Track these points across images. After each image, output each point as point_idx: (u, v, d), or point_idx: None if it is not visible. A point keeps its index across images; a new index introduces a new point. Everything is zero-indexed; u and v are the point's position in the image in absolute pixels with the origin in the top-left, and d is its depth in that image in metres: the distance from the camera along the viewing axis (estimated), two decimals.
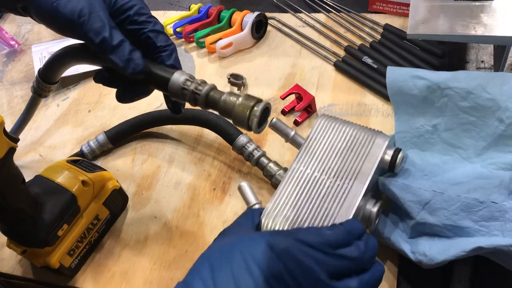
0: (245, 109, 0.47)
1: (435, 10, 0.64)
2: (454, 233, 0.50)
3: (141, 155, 0.71)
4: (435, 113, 0.58)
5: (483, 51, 0.72)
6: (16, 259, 0.63)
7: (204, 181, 0.67)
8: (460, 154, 0.57)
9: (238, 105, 0.46)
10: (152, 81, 0.49)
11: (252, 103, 0.47)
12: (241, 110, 0.46)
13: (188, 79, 0.47)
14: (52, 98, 0.81)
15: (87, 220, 0.59)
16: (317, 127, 0.56)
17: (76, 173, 0.59)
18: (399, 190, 0.53)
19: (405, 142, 0.60)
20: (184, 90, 0.46)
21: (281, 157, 0.67)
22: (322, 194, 0.51)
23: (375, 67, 0.72)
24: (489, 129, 0.54)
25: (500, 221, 0.48)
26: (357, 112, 0.70)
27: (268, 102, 0.48)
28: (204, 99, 0.46)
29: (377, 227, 0.54)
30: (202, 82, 0.47)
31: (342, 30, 0.81)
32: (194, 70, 0.81)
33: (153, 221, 0.64)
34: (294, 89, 0.69)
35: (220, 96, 0.46)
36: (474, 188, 0.50)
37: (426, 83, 0.58)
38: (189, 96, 0.47)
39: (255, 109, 0.46)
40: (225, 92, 0.47)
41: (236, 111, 0.46)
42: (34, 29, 0.94)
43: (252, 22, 0.80)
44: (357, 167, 0.52)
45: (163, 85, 0.48)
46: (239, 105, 0.46)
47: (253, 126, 0.47)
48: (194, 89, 0.46)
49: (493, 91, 0.54)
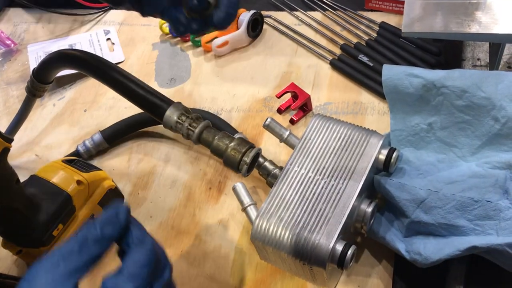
0: (236, 154, 0.49)
1: (430, 7, 0.63)
2: (449, 232, 0.50)
3: (137, 154, 0.71)
4: (430, 111, 0.58)
5: (479, 49, 0.72)
6: (12, 259, 0.63)
7: (200, 180, 0.67)
8: (456, 153, 0.57)
9: (230, 149, 0.48)
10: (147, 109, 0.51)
11: (244, 149, 0.49)
12: (232, 154, 0.49)
13: (183, 113, 0.48)
14: (48, 98, 0.81)
15: (82, 220, 0.59)
16: (311, 127, 0.56)
17: (72, 173, 0.59)
18: (394, 189, 0.53)
19: (401, 140, 0.60)
20: (179, 124, 0.48)
21: (277, 156, 0.66)
22: (317, 194, 0.51)
23: (371, 65, 0.72)
24: (484, 128, 0.54)
25: (495, 220, 0.48)
26: (353, 110, 0.69)
27: (259, 148, 0.51)
28: (197, 137, 0.48)
29: (372, 227, 0.54)
30: (197, 119, 0.48)
31: (338, 28, 0.80)
32: (190, 69, 0.80)
33: (149, 221, 0.64)
34: (290, 87, 0.69)
35: (214, 136, 0.48)
36: (469, 187, 0.50)
37: (421, 81, 0.58)
38: (183, 131, 0.48)
39: (247, 155, 0.49)
40: (219, 132, 0.48)
41: (228, 155, 0.49)
42: (30, 28, 0.94)
43: (248, 20, 0.79)
44: (351, 167, 0.52)
45: (158, 115, 0.50)
46: (231, 149, 0.48)
47: (243, 171, 0.50)
48: (188, 125, 0.48)
49: (488, 90, 0.54)
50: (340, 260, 0.47)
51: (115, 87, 0.54)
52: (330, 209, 0.50)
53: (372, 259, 0.56)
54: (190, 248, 0.60)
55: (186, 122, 0.49)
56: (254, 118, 0.72)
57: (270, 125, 0.59)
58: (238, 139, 0.50)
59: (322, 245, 0.47)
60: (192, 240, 0.61)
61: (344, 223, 0.48)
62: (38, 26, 0.95)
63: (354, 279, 0.55)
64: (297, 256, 0.48)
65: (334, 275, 0.52)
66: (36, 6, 0.95)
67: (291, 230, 0.49)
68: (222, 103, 0.74)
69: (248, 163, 0.49)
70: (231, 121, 0.70)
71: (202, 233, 0.61)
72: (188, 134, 0.49)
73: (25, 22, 0.96)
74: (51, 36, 0.91)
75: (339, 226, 0.48)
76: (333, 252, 0.47)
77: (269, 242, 0.50)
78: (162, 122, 0.50)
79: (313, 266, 0.48)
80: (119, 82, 0.53)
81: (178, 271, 0.59)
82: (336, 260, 0.48)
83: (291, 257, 0.49)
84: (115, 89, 0.54)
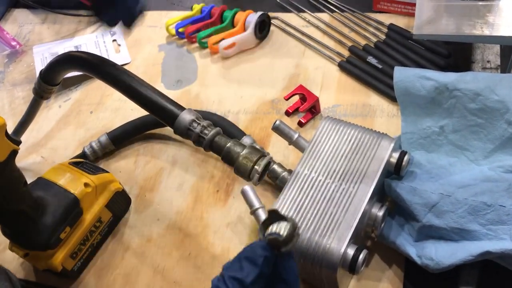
0: (248, 163, 0.48)
1: (441, 10, 0.63)
2: (461, 236, 0.49)
3: (144, 156, 0.71)
4: (442, 114, 0.57)
5: (489, 51, 0.72)
6: (18, 262, 0.62)
7: (208, 183, 0.66)
8: (468, 156, 0.56)
9: (242, 158, 0.48)
10: (158, 115, 0.51)
11: (256, 157, 0.48)
12: (244, 163, 0.48)
13: (195, 120, 0.48)
14: (53, 99, 0.81)
15: (89, 223, 0.59)
16: (321, 129, 0.56)
17: (79, 175, 0.59)
18: (405, 193, 0.52)
19: (412, 143, 0.59)
20: (190, 131, 0.48)
21: (285, 159, 0.66)
22: (327, 198, 0.50)
23: (380, 67, 0.71)
24: (497, 131, 0.54)
25: (508, 225, 0.48)
26: (362, 113, 0.69)
27: (271, 156, 0.50)
28: (208, 144, 0.48)
29: (382, 231, 0.53)
30: (209, 125, 0.48)
31: (346, 30, 0.80)
32: (197, 71, 0.80)
33: (156, 223, 0.63)
34: (298, 89, 0.69)
35: (225, 144, 0.48)
36: (481, 191, 0.50)
37: (433, 84, 0.57)
38: (194, 138, 0.48)
39: (258, 164, 0.49)
40: (230, 140, 0.48)
41: (239, 163, 0.48)
42: (35, 29, 0.94)
43: (255, 22, 0.79)
44: (362, 170, 0.52)
45: (169, 121, 0.50)
46: (243, 157, 0.48)
47: (254, 180, 0.49)
48: (199, 132, 0.48)
49: (501, 93, 0.53)
50: (352, 265, 0.47)
51: (126, 92, 0.53)
52: (341, 213, 0.49)
53: (383, 264, 0.55)
54: (198, 251, 0.60)
55: (197, 129, 0.49)
56: (262, 120, 0.71)
57: (279, 128, 0.58)
58: (250, 147, 0.49)
59: (333, 249, 0.47)
60: (200, 243, 0.61)
61: (355, 227, 0.48)
62: (44, 27, 0.94)
63: (365, 284, 0.54)
64: (308, 260, 0.48)
65: (344, 279, 0.51)
66: (42, 7, 0.95)
67: (301, 234, 0.48)
68: (229, 105, 0.74)
69: (259, 172, 0.48)
70: (238, 123, 0.70)
71: (210, 236, 0.61)
72: (199, 141, 0.49)
73: (30, 23, 0.96)
74: (57, 37, 0.91)
75: (350, 230, 0.48)
76: (345, 257, 0.47)
77: None
78: (173, 128, 0.50)
79: (324, 271, 0.47)
80: (131, 88, 0.52)
81: (186, 274, 0.58)
82: (347, 264, 0.47)
83: (302, 261, 0.48)
84: (126, 94, 0.53)
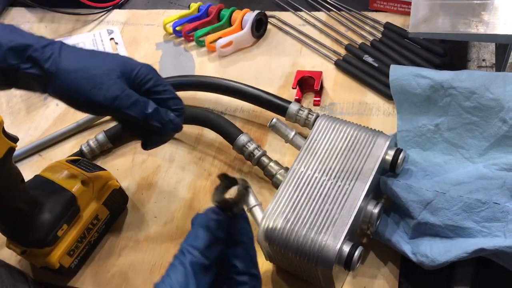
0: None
1: (436, 8, 0.63)
2: (455, 233, 0.50)
3: (141, 154, 0.71)
4: (438, 112, 0.58)
5: (484, 50, 0.72)
6: (16, 260, 0.62)
7: (205, 180, 0.66)
8: (463, 154, 0.56)
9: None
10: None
11: None
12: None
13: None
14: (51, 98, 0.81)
15: (87, 220, 0.59)
16: (317, 127, 0.56)
17: (76, 173, 0.59)
18: (401, 190, 0.52)
19: (407, 141, 0.59)
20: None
21: (282, 156, 0.66)
22: (323, 195, 0.51)
23: (376, 65, 0.72)
24: (492, 129, 0.54)
25: (502, 222, 0.48)
26: (358, 111, 0.69)
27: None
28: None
29: (377, 228, 0.54)
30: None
31: (343, 28, 0.80)
32: (194, 69, 0.80)
33: (153, 221, 0.64)
34: (300, 74, 0.70)
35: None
36: (476, 188, 0.50)
37: (429, 82, 0.57)
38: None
39: None
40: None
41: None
42: (33, 28, 0.94)
43: (252, 20, 0.79)
44: (358, 168, 0.52)
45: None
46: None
47: None
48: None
49: (496, 91, 0.54)
50: (347, 261, 0.47)
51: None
52: (337, 210, 0.49)
53: (378, 261, 0.55)
54: None
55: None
56: (258, 118, 0.71)
57: (275, 126, 0.58)
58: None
59: (329, 246, 0.47)
60: None
61: (351, 224, 0.48)
62: (41, 25, 0.94)
63: (360, 281, 0.54)
64: (304, 257, 0.48)
65: (340, 276, 0.52)
66: (39, 6, 0.95)
67: (297, 231, 0.49)
68: (226, 103, 0.74)
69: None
70: (235, 121, 0.70)
71: None
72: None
73: (28, 21, 0.96)
74: (54, 35, 0.91)
75: (346, 227, 0.48)
76: (340, 253, 0.47)
77: (275, 243, 0.49)
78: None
79: (320, 267, 0.48)
80: None
81: None
82: (343, 261, 0.47)
83: (298, 258, 0.49)
84: None
